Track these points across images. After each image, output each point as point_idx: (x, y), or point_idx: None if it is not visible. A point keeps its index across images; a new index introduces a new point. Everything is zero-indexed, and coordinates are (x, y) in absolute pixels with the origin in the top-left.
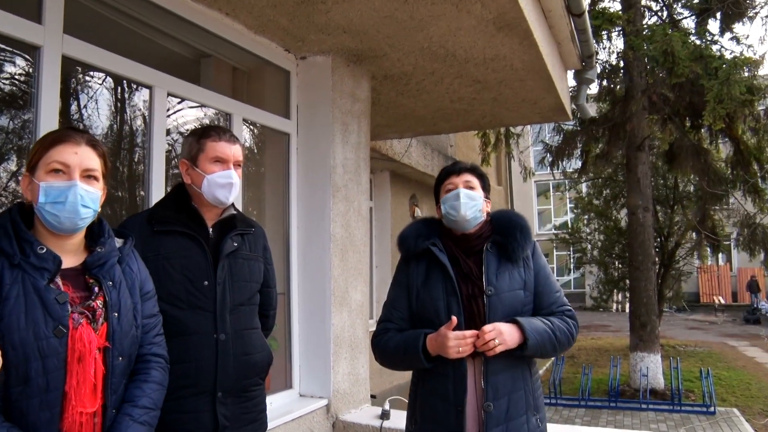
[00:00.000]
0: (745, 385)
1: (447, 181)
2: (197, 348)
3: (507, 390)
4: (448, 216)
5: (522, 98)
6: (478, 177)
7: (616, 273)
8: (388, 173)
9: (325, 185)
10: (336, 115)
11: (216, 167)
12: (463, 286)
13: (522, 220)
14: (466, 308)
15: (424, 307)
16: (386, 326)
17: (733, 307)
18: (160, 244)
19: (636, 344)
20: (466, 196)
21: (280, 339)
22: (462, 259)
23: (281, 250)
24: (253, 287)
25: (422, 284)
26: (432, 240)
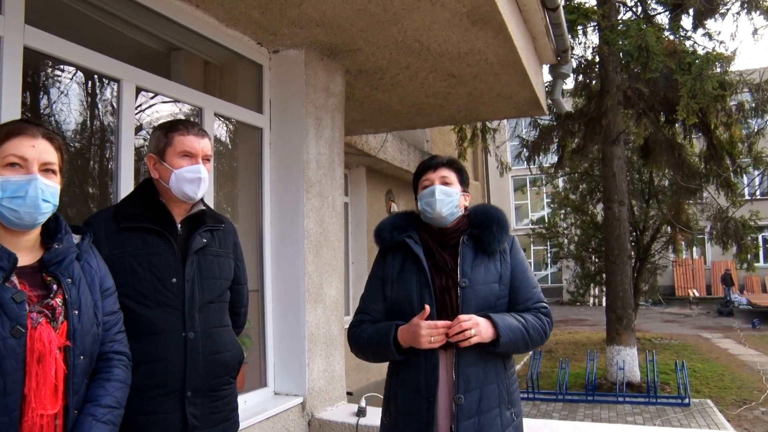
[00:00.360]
0: (718, 377)
1: (424, 176)
2: (165, 347)
3: (479, 382)
4: (425, 212)
5: (497, 93)
6: (456, 171)
7: (593, 267)
8: (364, 169)
9: (298, 181)
10: (309, 110)
11: (184, 162)
12: (437, 278)
13: (499, 214)
14: (439, 300)
15: (397, 298)
16: (361, 318)
17: (707, 299)
18: (126, 240)
19: (612, 338)
20: (441, 192)
21: (254, 336)
22: (437, 251)
23: (254, 246)
24: (223, 284)
25: (397, 276)
26: (408, 233)
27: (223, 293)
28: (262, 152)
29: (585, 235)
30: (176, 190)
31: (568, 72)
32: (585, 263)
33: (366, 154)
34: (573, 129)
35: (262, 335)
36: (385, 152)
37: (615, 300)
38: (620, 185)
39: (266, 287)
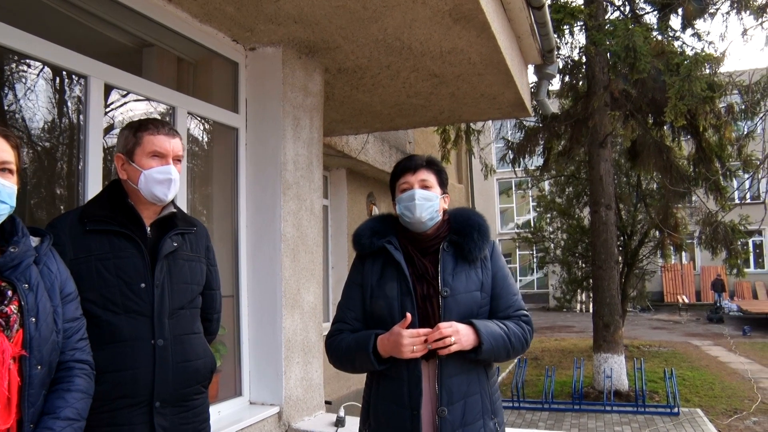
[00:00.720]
0: (708, 385)
1: (402, 179)
2: (133, 355)
3: (462, 393)
4: (404, 217)
5: (480, 93)
6: (436, 173)
7: (580, 272)
8: (344, 170)
9: (275, 183)
10: (287, 110)
11: (154, 162)
12: (418, 287)
13: (480, 219)
14: (421, 309)
15: (377, 306)
16: (339, 327)
17: (697, 306)
18: (92, 244)
19: (599, 345)
20: (422, 197)
21: (228, 344)
22: (417, 258)
23: (230, 250)
24: (194, 289)
25: (377, 283)
26: (388, 238)
27: (195, 299)
28: (237, 153)
29: (571, 239)
30: (145, 191)
31: (553, 72)
32: (571, 268)
33: (346, 155)
34: (559, 131)
35: (237, 342)
36: (366, 154)
37: (602, 306)
38: (607, 188)
39: (241, 293)
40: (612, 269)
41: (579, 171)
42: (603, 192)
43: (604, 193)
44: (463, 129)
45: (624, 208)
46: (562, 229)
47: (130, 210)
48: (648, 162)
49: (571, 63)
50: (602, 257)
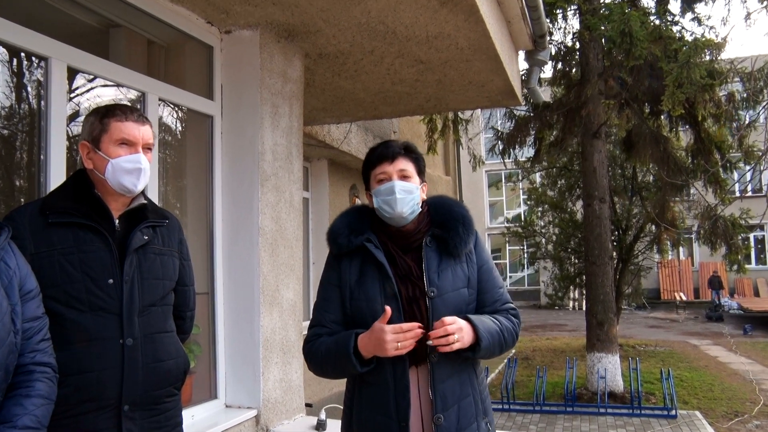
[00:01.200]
0: (707, 387)
1: (378, 168)
2: (100, 355)
3: (456, 397)
4: (382, 212)
5: (469, 80)
6: (414, 161)
7: (572, 269)
8: (325, 161)
9: (252, 174)
10: (265, 97)
11: (122, 150)
12: (402, 287)
13: (463, 210)
14: (407, 312)
15: (359, 309)
16: (317, 331)
17: (695, 303)
18: (55, 237)
19: (593, 344)
20: (402, 190)
21: (203, 343)
22: (399, 256)
23: (204, 245)
24: (166, 285)
25: (356, 283)
26: (366, 235)
27: (167, 295)
28: (212, 142)
29: (564, 234)
30: (113, 181)
31: (545, 59)
32: (564, 264)
33: (328, 145)
34: (551, 120)
35: (212, 342)
36: (348, 144)
37: (596, 304)
38: (601, 181)
39: (217, 289)
40: (606, 265)
41: (572, 162)
42: (597, 184)
43: (597, 185)
44: (450, 118)
45: (619, 202)
46: (553, 223)
47: (96, 201)
48: (644, 153)
49: (564, 49)
50: (596, 252)
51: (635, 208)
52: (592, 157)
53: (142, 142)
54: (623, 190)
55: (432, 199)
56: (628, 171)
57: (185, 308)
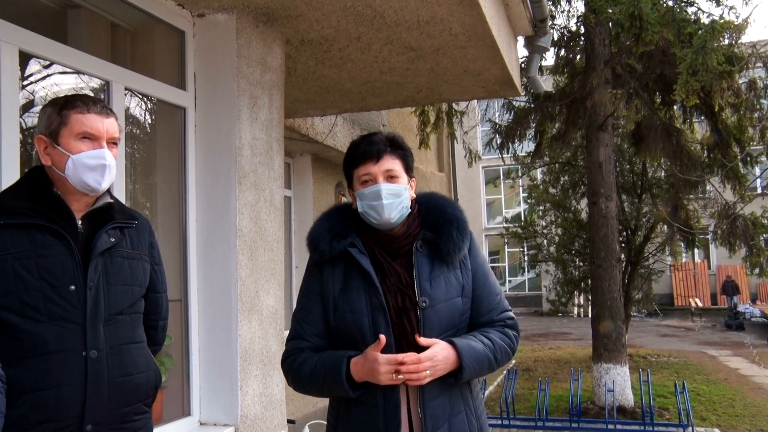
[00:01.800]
0: (727, 402)
1: (362, 168)
2: (60, 370)
3: (446, 415)
4: (368, 217)
5: (463, 69)
6: (400, 157)
7: (577, 272)
8: (309, 157)
9: (229, 170)
10: (242, 87)
11: (84, 145)
12: (391, 298)
13: (457, 212)
14: (396, 324)
15: (344, 322)
16: (297, 345)
17: (713, 310)
18: (8, 240)
19: (600, 354)
20: (389, 193)
21: (175, 355)
22: (387, 263)
23: (177, 248)
24: (136, 292)
25: (340, 293)
26: (350, 239)
27: (136, 303)
28: (185, 136)
29: (567, 235)
30: (74, 179)
31: (546, 45)
32: (567, 267)
33: (311, 140)
34: (553, 112)
35: (185, 353)
36: (333, 138)
37: (602, 310)
38: (607, 177)
39: (191, 296)
40: (613, 268)
41: (575, 157)
42: (603, 181)
43: (603, 182)
44: (444, 110)
45: (627, 200)
46: (556, 223)
47: (56, 201)
48: (655, 147)
49: (568, 34)
50: (602, 255)
51: (645, 206)
52: (597, 152)
53: (106, 136)
54: (632, 187)
55: (422, 197)
56: (638, 166)
57: (157, 317)
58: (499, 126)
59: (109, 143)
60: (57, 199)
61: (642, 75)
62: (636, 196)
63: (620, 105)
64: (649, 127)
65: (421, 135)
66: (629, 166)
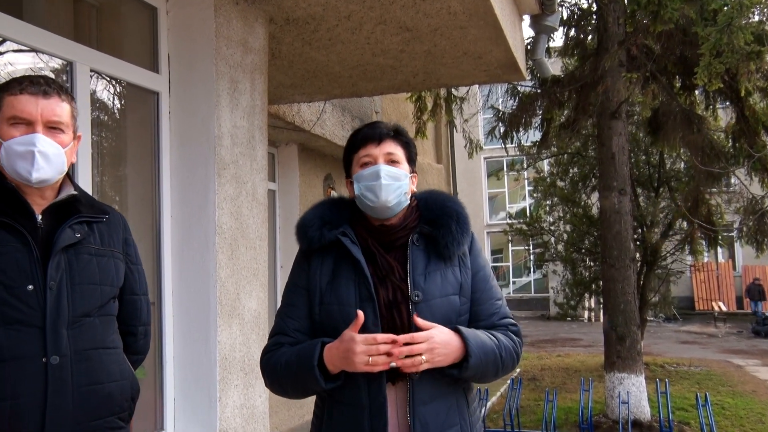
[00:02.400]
0: (756, 416)
1: (363, 151)
2: (15, 379)
3: (439, 425)
4: (364, 200)
5: (463, 51)
6: (404, 146)
7: (587, 272)
8: (295, 147)
9: (207, 161)
10: (221, 70)
11: (16, 130)
12: (381, 290)
13: (457, 206)
14: (385, 318)
15: (330, 316)
16: (278, 340)
17: (738, 315)
18: None
19: (613, 362)
20: (388, 175)
21: (147, 364)
22: (380, 254)
23: (150, 246)
24: (106, 292)
25: (327, 286)
26: (341, 228)
27: (106, 304)
28: (159, 124)
29: (577, 232)
30: (9, 168)
31: (554, 25)
32: (577, 267)
33: (298, 128)
34: (561, 98)
35: (158, 362)
36: (322, 126)
37: (615, 314)
38: (621, 169)
39: (165, 299)
40: (627, 268)
41: (586, 147)
42: (616, 173)
43: (617, 174)
44: (442, 96)
45: (642, 194)
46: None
47: (10, 193)
48: (673, 136)
49: (578, 12)
50: (614, 254)
51: (662, 201)
52: (610, 141)
53: (42, 119)
54: (648, 180)
55: (422, 193)
56: (654, 157)
57: (136, 322)
58: (503, 113)
59: (50, 128)
60: (12, 192)
61: (660, 57)
62: (652, 190)
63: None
64: (668, 114)
65: (418, 123)
66: (645, 157)
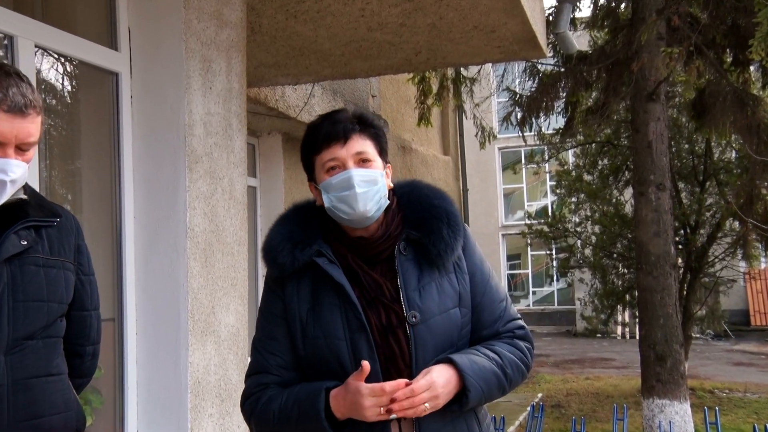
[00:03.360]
0: None
1: (326, 153)
2: None
3: None
4: (337, 212)
5: (473, 25)
6: (373, 138)
7: (620, 281)
8: (279, 136)
9: (176, 154)
10: (192, 47)
11: None
12: (372, 315)
13: (445, 203)
14: (381, 347)
15: (317, 351)
16: (261, 380)
17: None
18: None
19: (651, 387)
20: (363, 181)
21: (105, 391)
22: (363, 272)
23: (109, 253)
24: (54, 310)
25: (309, 314)
26: (315, 247)
27: (53, 324)
28: (119, 110)
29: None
30: None
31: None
32: (607, 275)
33: (282, 114)
34: (589, 78)
35: (118, 388)
36: (309, 112)
37: (654, 330)
38: (659, 160)
39: (126, 314)
40: (667, 276)
41: (618, 135)
42: (653, 165)
43: (654, 166)
44: (449, 77)
45: (685, 188)
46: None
47: None
48: (723, 120)
49: None
50: (652, 259)
51: (709, 197)
52: (646, 128)
53: (15, 141)
54: (691, 173)
55: (402, 187)
56: (699, 146)
57: (84, 341)
58: (520, 97)
59: (20, 148)
60: None
61: (707, 27)
62: (697, 184)
63: (677, 67)
64: (716, 94)
65: (421, 109)
66: (688, 146)
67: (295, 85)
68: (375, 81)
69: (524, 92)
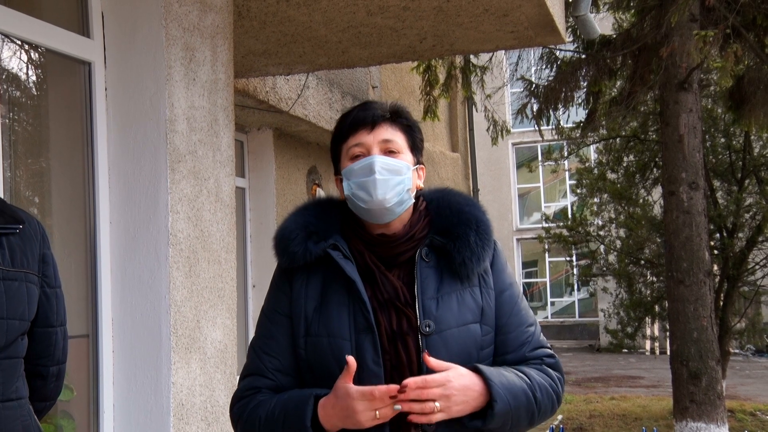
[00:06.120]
0: None
1: (353, 139)
2: None
3: None
4: (355, 200)
5: (484, 8)
6: (404, 130)
7: (648, 291)
8: (270, 132)
9: (157, 152)
10: (173, 33)
11: None
12: (383, 318)
13: (477, 210)
14: (389, 354)
15: (318, 350)
16: (254, 383)
17: None
18: None
19: (685, 408)
20: (384, 168)
21: (79, 415)
22: (380, 273)
23: (82, 262)
24: (14, 327)
25: (315, 313)
26: (331, 240)
27: (13, 343)
28: (92, 103)
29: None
30: None
31: None
32: (634, 284)
33: (273, 107)
34: (613, 65)
35: (93, 412)
36: (304, 105)
37: (686, 345)
38: (692, 156)
39: (101, 330)
40: (701, 285)
41: (645, 129)
42: (685, 161)
43: (686, 163)
44: (458, 65)
45: (721, 187)
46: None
47: None
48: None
49: None
50: (684, 266)
51: (749, 197)
52: (677, 120)
53: None
54: (728, 170)
55: (433, 193)
56: (737, 140)
57: (48, 361)
58: (536, 87)
59: None
60: None
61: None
62: (735, 183)
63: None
64: (756, 82)
65: (426, 101)
66: (724, 140)
67: (288, 76)
68: (375, 70)
69: (541, 82)
